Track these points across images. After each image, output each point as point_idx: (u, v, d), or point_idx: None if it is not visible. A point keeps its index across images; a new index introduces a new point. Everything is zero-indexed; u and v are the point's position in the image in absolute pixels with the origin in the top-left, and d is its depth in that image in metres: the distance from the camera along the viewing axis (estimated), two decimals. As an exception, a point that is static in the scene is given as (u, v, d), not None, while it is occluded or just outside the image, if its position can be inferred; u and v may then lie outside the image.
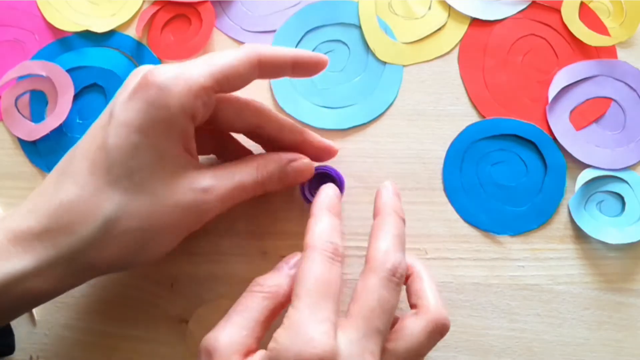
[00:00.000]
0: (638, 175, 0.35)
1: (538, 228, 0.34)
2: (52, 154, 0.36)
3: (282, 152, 0.31)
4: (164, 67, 0.27)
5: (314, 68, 0.31)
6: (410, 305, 0.29)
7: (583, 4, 0.38)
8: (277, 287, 0.28)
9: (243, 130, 0.31)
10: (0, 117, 0.37)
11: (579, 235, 0.34)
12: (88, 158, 0.27)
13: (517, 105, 0.36)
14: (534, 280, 0.34)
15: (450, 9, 0.38)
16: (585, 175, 0.35)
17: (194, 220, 0.28)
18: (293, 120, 0.35)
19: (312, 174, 0.31)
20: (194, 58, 0.29)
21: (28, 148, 0.36)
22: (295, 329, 0.24)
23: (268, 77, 0.30)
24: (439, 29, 0.38)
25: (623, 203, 0.35)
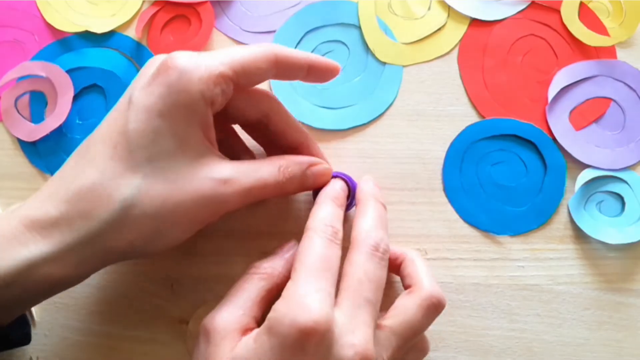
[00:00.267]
0: (638, 176, 0.35)
1: (538, 228, 0.34)
2: (51, 155, 0.36)
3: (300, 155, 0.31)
4: (184, 52, 0.27)
5: (328, 74, 0.31)
6: (405, 287, 0.29)
7: (582, 4, 0.38)
8: (272, 268, 0.29)
9: (252, 120, 0.31)
10: (0, 117, 0.37)
11: (579, 236, 0.34)
12: (108, 143, 0.27)
13: (516, 106, 0.36)
14: (534, 281, 0.34)
15: (450, 9, 0.38)
16: (585, 176, 0.35)
17: (211, 211, 0.28)
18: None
19: (329, 180, 0.31)
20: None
21: (28, 149, 0.36)
22: (292, 298, 0.24)
23: (282, 77, 0.30)
24: (439, 29, 0.38)
25: (623, 203, 0.35)
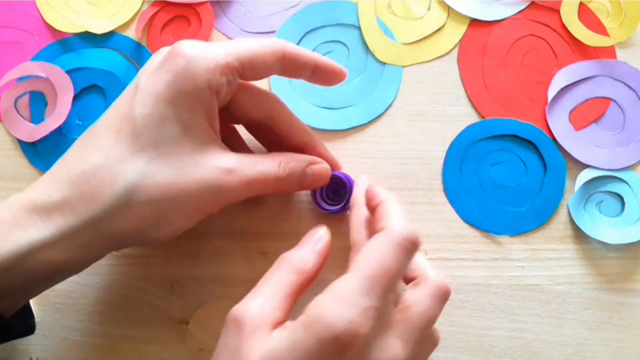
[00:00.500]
0: (637, 176, 0.35)
1: (538, 228, 0.34)
2: (51, 155, 0.36)
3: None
4: (192, 41, 0.27)
5: (334, 77, 0.31)
6: (406, 281, 0.28)
7: (582, 5, 0.38)
8: (303, 262, 0.27)
9: (256, 120, 0.31)
10: (0, 118, 0.37)
11: (579, 236, 0.34)
12: (113, 128, 0.27)
13: (516, 106, 0.36)
14: (534, 281, 0.34)
15: (450, 10, 0.38)
16: (585, 176, 0.35)
17: (214, 200, 0.28)
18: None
19: (328, 180, 0.31)
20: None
21: (28, 149, 0.36)
22: (343, 301, 0.23)
23: (288, 74, 0.30)
24: (439, 30, 0.38)
25: (622, 203, 0.35)
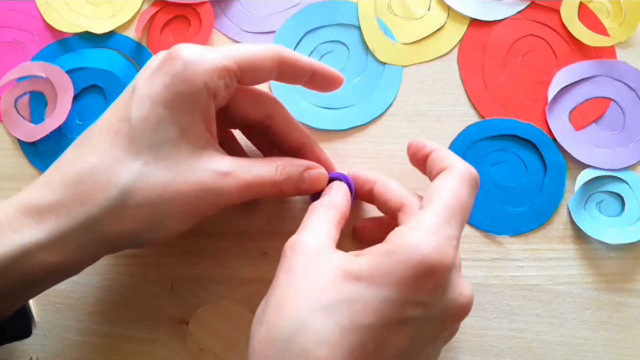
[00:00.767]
0: (637, 176, 0.35)
1: (538, 228, 0.34)
2: (51, 155, 0.36)
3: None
4: (190, 45, 0.27)
5: (331, 83, 0.31)
6: (432, 176, 0.29)
7: (582, 5, 0.38)
8: (333, 200, 0.29)
9: (254, 120, 0.31)
10: (0, 118, 0.37)
11: (579, 236, 0.34)
12: (109, 131, 0.27)
13: (516, 106, 0.36)
14: (534, 281, 0.34)
15: (450, 10, 0.38)
16: (585, 176, 0.35)
17: (210, 203, 0.28)
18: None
19: (325, 186, 0.31)
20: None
21: (28, 149, 0.36)
22: (427, 230, 0.24)
23: (285, 79, 0.30)
24: (438, 30, 0.38)
25: (623, 203, 0.35)
